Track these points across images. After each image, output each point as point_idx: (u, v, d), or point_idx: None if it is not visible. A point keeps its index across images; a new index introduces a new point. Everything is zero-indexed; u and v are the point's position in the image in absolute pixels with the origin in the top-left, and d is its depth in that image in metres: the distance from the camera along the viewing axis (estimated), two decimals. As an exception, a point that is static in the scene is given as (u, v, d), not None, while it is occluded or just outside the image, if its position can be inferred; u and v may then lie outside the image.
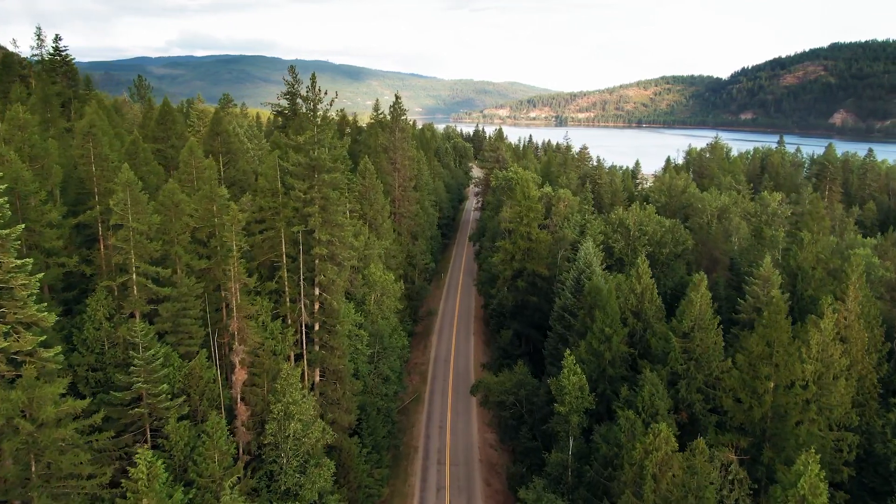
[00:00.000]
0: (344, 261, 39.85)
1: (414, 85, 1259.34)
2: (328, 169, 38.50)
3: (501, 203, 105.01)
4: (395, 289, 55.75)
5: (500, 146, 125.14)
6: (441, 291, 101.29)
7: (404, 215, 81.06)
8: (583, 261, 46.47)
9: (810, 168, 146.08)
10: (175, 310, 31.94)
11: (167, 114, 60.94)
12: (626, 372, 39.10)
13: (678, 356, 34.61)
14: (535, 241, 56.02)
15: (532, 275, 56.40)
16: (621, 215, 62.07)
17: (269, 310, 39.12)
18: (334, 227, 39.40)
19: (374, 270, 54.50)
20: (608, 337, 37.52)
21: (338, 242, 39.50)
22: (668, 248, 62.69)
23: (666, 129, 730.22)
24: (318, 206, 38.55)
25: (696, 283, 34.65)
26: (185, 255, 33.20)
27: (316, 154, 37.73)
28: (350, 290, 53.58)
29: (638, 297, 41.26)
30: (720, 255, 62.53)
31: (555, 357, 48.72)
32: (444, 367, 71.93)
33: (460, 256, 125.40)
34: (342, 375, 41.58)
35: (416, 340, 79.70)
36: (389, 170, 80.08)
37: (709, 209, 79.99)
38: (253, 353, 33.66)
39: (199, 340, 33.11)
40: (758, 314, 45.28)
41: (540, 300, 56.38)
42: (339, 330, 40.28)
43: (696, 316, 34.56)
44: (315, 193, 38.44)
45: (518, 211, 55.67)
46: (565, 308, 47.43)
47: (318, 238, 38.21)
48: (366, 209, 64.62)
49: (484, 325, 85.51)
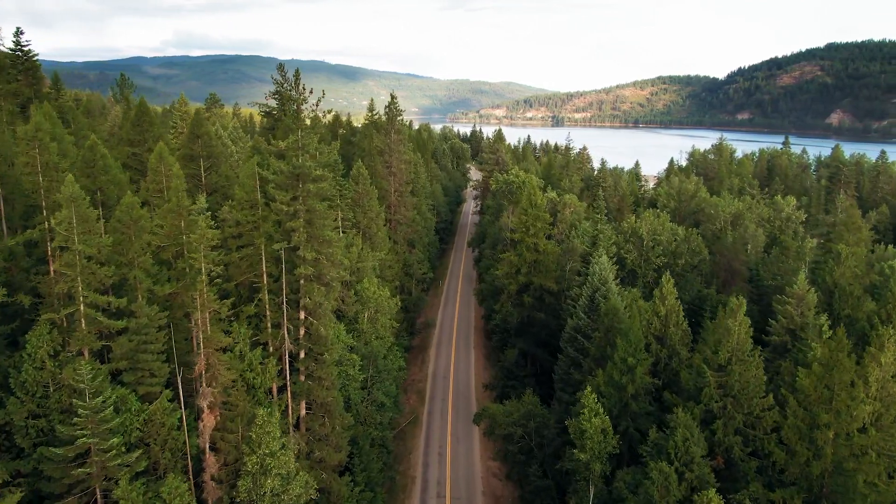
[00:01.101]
0: (332, 281, 35.30)
1: (410, 85, 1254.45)
2: (314, 178, 33.95)
3: (502, 207, 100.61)
4: (391, 305, 51.26)
5: (499, 148, 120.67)
6: (439, 300, 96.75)
7: (400, 222, 76.55)
8: (597, 277, 42.07)
9: (818, 170, 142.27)
10: (133, 344, 27.32)
11: (143, 115, 56.23)
12: (650, 406, 34.71)
13: (713, 393, 30.25)
14: (543, 252, 51.56)
15: (539, 289, 51.94)
16: (634, 224, 57.69)
17: (247, 337, 34.57)
18: (321, 243, 34.84)
19: (367, 286, 49.97)
20: (631, 367, 33.14)
21: (325, 260, 34.94)
22: (683, 258, 58.39)
23: (663, 130, 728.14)
24: (303, 220, 34.00)
25: (733, 308, 30.31)
26: (147, 280, 28.59)
27: (300, 161, 33.20)
28: (341, 308, 49.07)
29: (662, 320, 36.88)
30: (739, 267, 58.21)
31: (566, 382, 44.32)
32: (443, 385, 67.40)
33: (458, 262, 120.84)
34: (331, 409, 37.03)
35: (413, 355, 75.18)
36: (385, 174, 75.55)
37: (722, 215, 75.75)
38: (226, 393, 29.13)
39: (162, 378, 28.51)
40: (792, 337, 41.05)
41: (548, 316, 51.96)
42: (328, 358, 35.74)
43: (733, 347, 30.22)
44: (299, 206, 33.89)
45: (524, 220, 51.21)
46: (578, 329, 43.02)
47: (302, 256, 33.67)
48: (359, 217, 60.09)
49: (484, 336, 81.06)
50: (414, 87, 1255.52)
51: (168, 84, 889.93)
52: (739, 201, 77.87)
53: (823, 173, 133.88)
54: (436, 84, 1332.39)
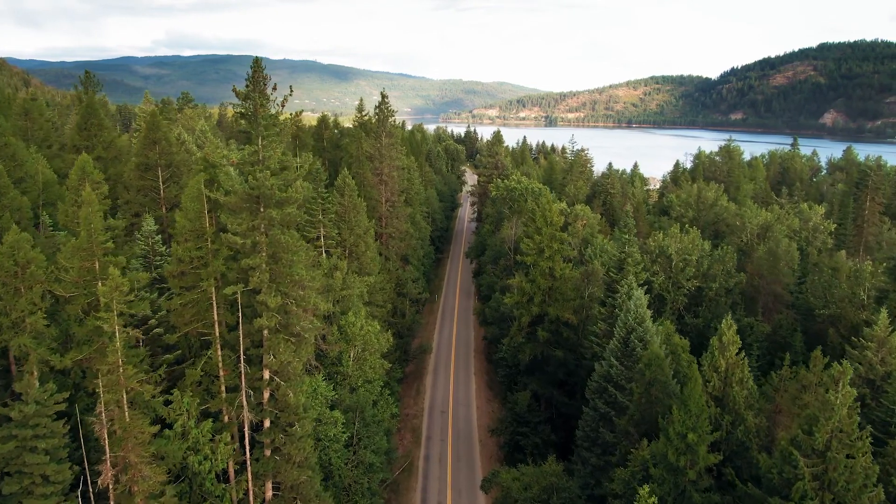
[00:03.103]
0: (305, 332, 27.36)
1: (403, 85, 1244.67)
2: (279, 200, 25.99)
3: (503, 216, 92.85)
4: (382, 342, 43.36)
5: (498, 151, 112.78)
6: (435, 317, 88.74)
7: (393, 236, 68.56)
8: (632, 314, 34.42)
9: (832, 173, 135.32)
10: (15, 444, 19.33)
11: (91, 117, 48.00)
12: (713, 492, 27.04)
13: (808, 488, 22.66)
14: (560, 278, 43.83)
15: (556, 322, 44.21)
16: (661, 241, 50.08)
17: (193, 407, 26.61)
18: (291, 284, 26.89)
19: (353, 320, 42.02)
20: (692, 446, 25.51)
21: (295, 307, 27.01)
22: (717, 281, 50.85)
23: (656, 130, 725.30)
24: (266, 256, 26.08)
25: (834, 376, 22.73)
26: (40, 348, 20.55)
27: (260, 179, 25.26)
28: (321, 348, 41.15)
29: (721, 377, 29.25)
30: (781, 291, 50.74)
31: (593, 441, 36.59)
32: (441, 422, 59.45)
33: (455, 272, 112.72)
34: (304, 492, 29.09)
35: (407, 384, 67.21)
36: (375, 182, 67.54)
37: (749, 227, 68.34)
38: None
39: (62, 486, 20.52)
40: (872, 389, 33.61)
41: (566, 353, 44.25)
42: (299, 430, 27.79)
43: (833, 427, 22.70)
44: (259, 237, 25.96)
45: (537, 240, 43.42)
46: (609, 378, 35.32)
47: (264, 302, 25.73)
48: (345, 235, 52.09)
49: (485, 360, 73.26)
50: (406, 87, 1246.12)
51: (159, 84, 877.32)
52: (767, 211, 70.46)
53: (839, 177, 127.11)
54: (428, 84, 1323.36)
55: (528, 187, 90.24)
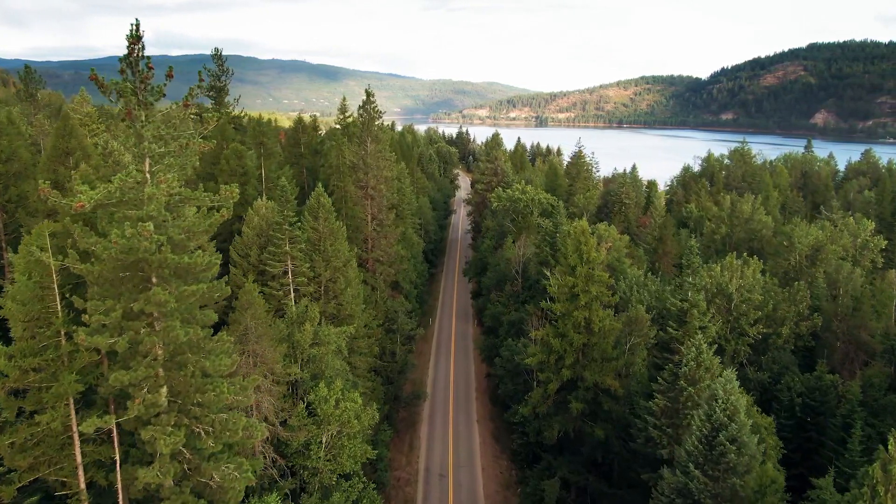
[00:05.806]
0: (232, 482, 16.41)
1: (392, 85, 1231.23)
2: (179, 268, 15.08)
3: (505, 231, 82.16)
4: (365, 420, 32.41)
5: (497, 155, 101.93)
6: (429, 346, 77.66)
7: (381, 260, 57.49)
8: (721, 406, 23.92)
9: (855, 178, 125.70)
10: None
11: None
12: None
13: None
14: (598, 332, 33.19)
15: (594, 390, 33.52)
16: (719, 277, 39.55)
17: None
18: (202, 407, 15.97)
19: (324, 394, 31.03)
20: None
21: (212, 442, 16.11)
22: (787, 326, 40.44)
23: (647, 130, 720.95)
24: (160, 361, 15.17)
25: None
26: None
27: (143, 230, 14.37)
28: (280, 436, 30.12)
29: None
30: (866, 337, 40.43)
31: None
32: (439, 490, 48.24)
33: (450, 290, 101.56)
34: None
35: (399, 438, 56.14)
36: (359, 197, 56.46)
37: (798, 247, 58.09)
38: None
39: None
40: None
41: (607, 429, 33.57)
42: None
43: None
44: (144, 331, 15.04)
45: (570, 284, 32.72)
46: (686, 493, 24.74)
47: (156, 441, 14.81)
48: (319, 268, 41.03)
49: (490, 401, 62.61)
50: (396, 87, 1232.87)
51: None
52: (818, 228, 60.31)
53: (863, 182, 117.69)
54: (418, 84, 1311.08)
55: (534, 198, 79.76)
